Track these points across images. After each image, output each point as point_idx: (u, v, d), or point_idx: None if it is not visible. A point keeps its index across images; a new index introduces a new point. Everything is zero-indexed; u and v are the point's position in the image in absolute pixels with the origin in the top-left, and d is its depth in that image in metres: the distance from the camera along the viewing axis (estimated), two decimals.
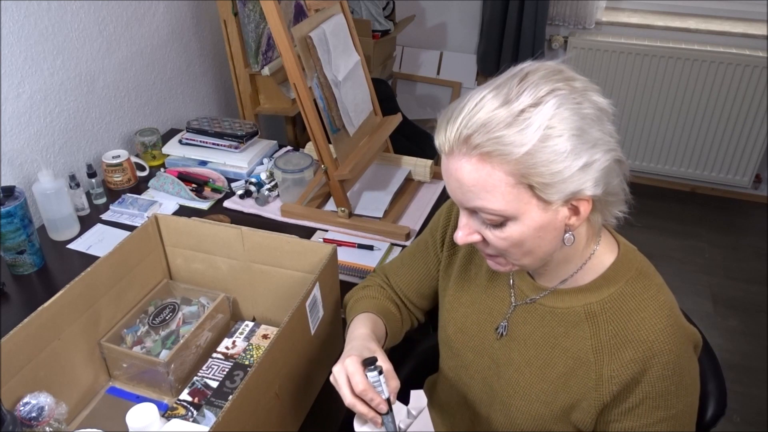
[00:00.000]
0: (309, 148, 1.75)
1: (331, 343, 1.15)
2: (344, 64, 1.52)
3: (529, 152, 0.69)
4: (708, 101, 2.83)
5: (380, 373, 0.80)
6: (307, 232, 1.51)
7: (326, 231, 1.52)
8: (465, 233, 0.80)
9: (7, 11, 1.46)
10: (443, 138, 0.74)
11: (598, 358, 0.83)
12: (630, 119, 2.98)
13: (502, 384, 0.93)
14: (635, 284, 0.83)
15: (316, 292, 1.02)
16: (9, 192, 1.33)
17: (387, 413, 0.81)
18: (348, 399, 0.80)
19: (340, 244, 1.44)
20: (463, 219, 0.80)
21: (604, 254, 0.86)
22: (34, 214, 1.52)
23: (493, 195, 0.73)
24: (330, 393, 1.11)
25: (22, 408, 0.91)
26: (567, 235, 0.78)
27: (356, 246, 1.44)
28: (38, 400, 0.92)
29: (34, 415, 0.91)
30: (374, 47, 2.71)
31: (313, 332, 1.03)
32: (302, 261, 1.11)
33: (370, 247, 1.43)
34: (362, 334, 0.93)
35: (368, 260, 1.39)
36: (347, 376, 0.81)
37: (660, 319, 0.80)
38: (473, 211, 0.77)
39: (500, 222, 0.75)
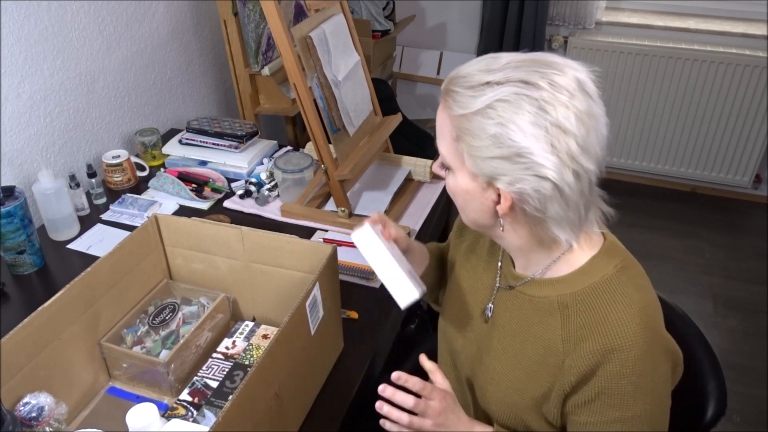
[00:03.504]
0: (309, 148, 1.75)
1: (331, 343, 1.16)
2: (344, 64, 1.52)
3: (465, 116, 0.76)
4: (708, 101, 2.83)
5: None
6: (307, 232, 1.51)
7: (326, 231, 1.51)
8: (437, 164, 0.88)
9: (7, 11, 1.46)
10: (447, 77, 0.82)
11: (566, 348, 0.83)
12: (630, 119, 2.98)
13: (482, 371, 0.95)
14: (612, 280, 0.83)
15: (316, 292, 1.02)
16: (9, 192, 1.33)
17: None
18: None
19: (340, 244, 1.43)
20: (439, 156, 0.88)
21: (586, 248, 0.86)
22: (34, 214, 1.52)
23: (442, 140, 0.82)
24: (330, 393, 1.11)
25: (22, 408, 0.91)
26: (498, 219, 0.83)
27: (356, 246, 1.44)
28: (38, 400, 0.92)
29: (34, 415, 0.91)
30: (374, 47, 2.71)
31: (313, 332, 1.03)
32: (302, 261, 1.11)
33: None
34: None
35: None
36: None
37: (628, 316, 0.79)
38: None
39: (446, 166, 0.84)
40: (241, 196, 1.65)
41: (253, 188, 1.65)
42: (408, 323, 1.55)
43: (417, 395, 0.86)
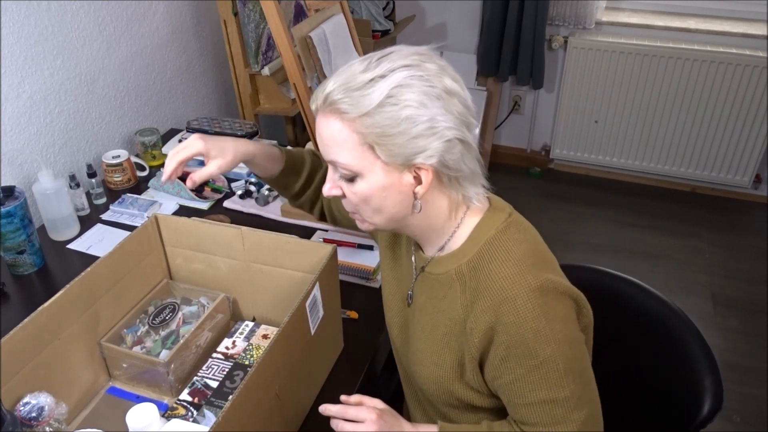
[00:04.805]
0: (309, 147, 1.75)
1: (331, 343, 1.16)
2: (344, 63, 1.52)
3: (369, 114, 0.78)
4: (708, 101, 2.83)
5: None
6: (307, 232, 1.51)
7: (326, 231, 1.52)
8: (329, 186, 0.88)
9: (7, 11, 1.47)
10: (314, 97, 0.84)
11: (465, 313, 0.88)
12: (630, 119, 2.98)
13: (410, 354, 1.00)
14: (495, 239, 0.88)
15: (316, 292, 1.02)
16: (9, 192, 1.33)
17: None
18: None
19: (340, 244, 1.43)
20: (330, 173, 0.88)
21: (472, 218, 0.91)
22: (34, 214, 1.52)
23: (342, 150, 0.82)
24: (330, 393, 1.11)
25: (22, 408, 0.91)
26: (416, 202, 0.85)
27: (356, 246, 1.44)
28: (38, 400, 0.92)
29: (34, 415, 0.91)
30: (374, 47, 2.70)
31: (313, 332, 1.03)
32: (302, 261, 1.11)
33: (370, 247, 1.43)
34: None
35: (368, 260, 1.39)
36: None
37: (508, 267, 0.84)
38: (335, 166, 0.86)
39: (351, 177, 0.84)
40: (241, 196, 1.65)
41: (253, 188, 1.65)
42: None
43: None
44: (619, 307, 1.19)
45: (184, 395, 1.01)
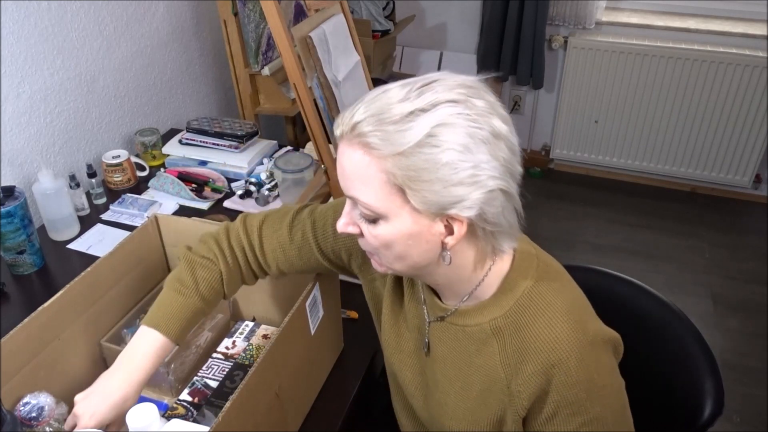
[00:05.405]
0: (309, 148, 1.75)
1: (331, 343, 1.16)
2: (344, 64, 1.52)
3: (404, 154, 0.68)
4: (708, 101, 2.83)
5: None
6: None
7: None
8: (345, 222, 0.79)
9: (7, 11, 1.46)
10: (339, 121, 0.74)
11: (507, 373, 0.82)
12: (630, 119, 2.98)
13: (434, 406, 0.93)
14: (532, 292, 0.81)
15: (316, 292, 1.02)
16: (9, 192, 1.33)
17: None
18: None
19: None
20: (347, 207, 0.79)
21: (502, 265, 0.83)
22: (34, 214, 1.52)
23: (367, 188, 0.72)
24: (330, 393, 1.11)
25: (22, 408, 0.91)
26: (444, 253, 0.76)
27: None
28: (38, 400, 0.92)
29: (34, 415, 0.91)
30: (374, 47, 2.71)
31: (313, 332, 1.03)
32: None
33: None
34: (138, 367, 0.93)
35: None
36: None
37: (556, 326, 0.78)
38: (355, 202, 0.76)
39: (373, 218, 0.75)
40: (241, 196, 1.65)
41: (253, 188, 1.65)
42: None
43: None
44: (618, 308, 1.18)
45: (184, 395, 1.01)
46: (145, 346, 0.94)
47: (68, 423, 0.91)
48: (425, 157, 0.68)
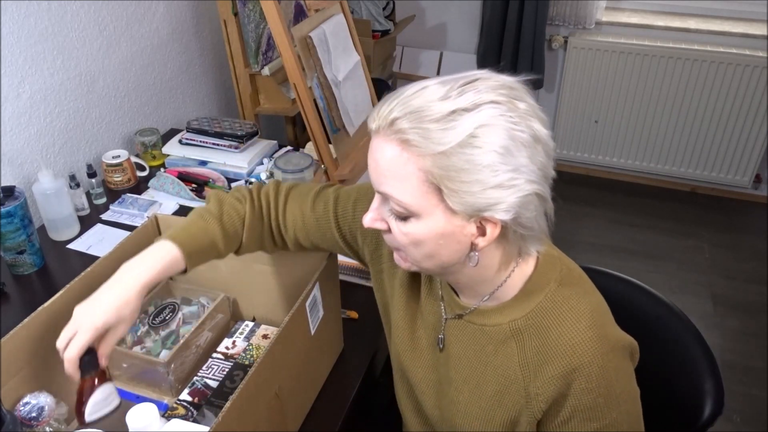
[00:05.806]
0: (309, 148, 1.75)
1: (331, 343, 1.16)
2: (344, 64, 1.52)
3: (445, 153, 0.68)
4: (708, 101, 2.83)
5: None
6: None
7: None
8: (373, 217, 0.78)
9: (7, 11, 1.47)
10: (375, 115, 0.72)
11: (525, 374, 0.81)
12: (630, 119, 2.98)
13: (446, 403, 0.92)
14: (556, 295, 0.81)
15: (316, 292, 1.02)
16: (9, 192, 1.33)
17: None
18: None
19: None
20: (376, 203, 0.78)
21: (525, 268, 0.83)
22: (34, 214, 1.52)
23: (402, 185, 0.71)
24: (330, 393, 1.11)
25: (22, 408, 0.91)
26: (472, 253, 0.76)
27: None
28: (38, 400, 0.92)
29: (34, 415, 0.91)
30: (374, 47, 2.71)
31: (313, 332, 1.03)
32: (302, 261, 1.11)
33: None
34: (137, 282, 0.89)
35: None
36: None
37: (579, 331, 0.78)
38: (385, 198, 0.75)
39: (405, 216, 0.74)
40: None
41: None
42: None
43: None
44: (618, 308, 1.18)
45: (184, 395, 1.01)
46: (155, 255, 0.92)
47: (65, 336, 0.86)
48: (466, 157, 0.68)
